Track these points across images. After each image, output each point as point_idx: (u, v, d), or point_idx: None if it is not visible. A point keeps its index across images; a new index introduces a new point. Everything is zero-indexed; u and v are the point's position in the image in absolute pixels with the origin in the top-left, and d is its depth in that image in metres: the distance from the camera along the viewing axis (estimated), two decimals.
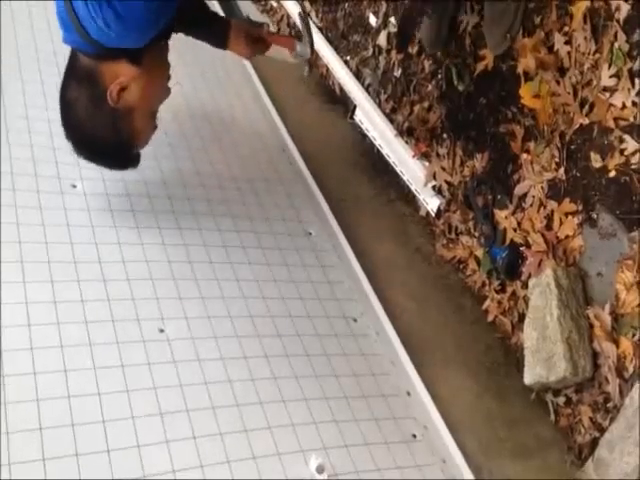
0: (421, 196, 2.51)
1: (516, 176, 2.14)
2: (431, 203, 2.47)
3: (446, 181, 2.41)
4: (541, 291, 1.97)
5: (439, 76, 2.42)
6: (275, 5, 3.48)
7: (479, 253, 2.32)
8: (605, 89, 1.81)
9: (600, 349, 1.88)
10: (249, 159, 2.48)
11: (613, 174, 1.85)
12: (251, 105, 2.79)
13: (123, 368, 1.75)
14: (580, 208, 1.95)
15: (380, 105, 2.74)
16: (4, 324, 1.73)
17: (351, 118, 2.76)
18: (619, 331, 1.84)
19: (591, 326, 1.91)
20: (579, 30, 1.86)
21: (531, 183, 2.09)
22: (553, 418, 2.04)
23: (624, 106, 1.79)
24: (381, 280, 2.31)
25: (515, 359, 2.15)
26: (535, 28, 1.98)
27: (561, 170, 1.99)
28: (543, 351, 1.91)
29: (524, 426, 2.01)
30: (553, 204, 2.02)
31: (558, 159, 2.00)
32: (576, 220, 1.96)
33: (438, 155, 2.45)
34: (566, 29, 1.90)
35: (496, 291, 2.25)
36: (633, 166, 1.79)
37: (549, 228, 2.05)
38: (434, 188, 2.47)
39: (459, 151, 2.36)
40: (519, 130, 2.10)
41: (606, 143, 1.85)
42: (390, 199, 2.68)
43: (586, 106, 1.88)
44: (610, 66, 1.78)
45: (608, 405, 1.87)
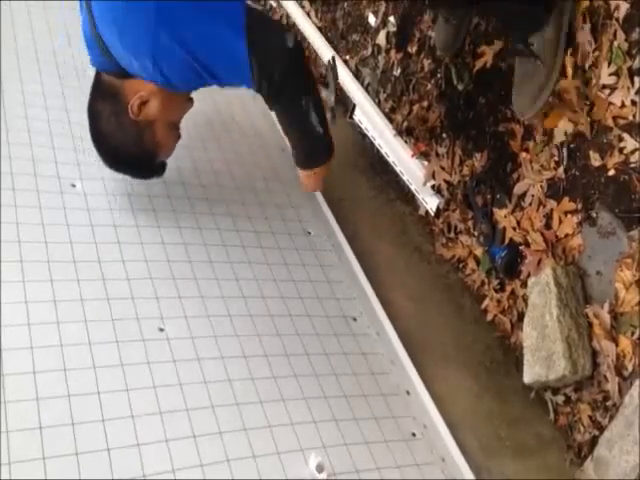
0: (420, 195, 2.51)
1: (515, 175, 2.14)
2: (430, 202, 2.47)
3: (445, 180, 2.41)
4: (540, 290, 1.96)
5: (438, 75, 2.42)
6: (274, 5, 3.48)
7: (478, 252, 2.32)
8: (604, 87, 1.81)
9: (599, 348, 1.87)
10: (248, 158, 2.49)
11: (612, 173, 1.84)
12: (250, 104, 2.79)
13: (123, 367, 1.76)
14: (579, 207, 1.95)
15: (379, 104, 2.75)
16: (4, 323, 1.73)
17: (350, 117, 2.76)
18: (618, 330, 1.83)
19: (590, 325, 1.90)
20: (579, 29, 1.86)
21: (530, 182, 2.08)
22: (552, 417, 2.04)
23: (623, 105, 1.78)
24: (380, 279, 2.31)
25: (514, 358, 2.15)
26: None
27: (560, 169, 1.99)
28: (542, 350, 1.91)
29: (523, 425, 2.02)
30: (552, 203, 2.02)
31: (557, 158, 2.00)
32: (575, 219, 1.96)
33: (437, 154, 2.45)
34: None
35: (495, 290, 2.25)
36: (632, 165, 1.79)
37: (548, 227, 2.04)
38: (433, 187, 2.46)
39: (458, 150, 2.36)
40: (518, 129, 2.10)
41: (605, 142, 1.85)
42: (389, 198, 2.68)
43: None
44: (610, 64, 1.78)
45: (607, 404, 1.87)
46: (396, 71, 2.64)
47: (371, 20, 2.77)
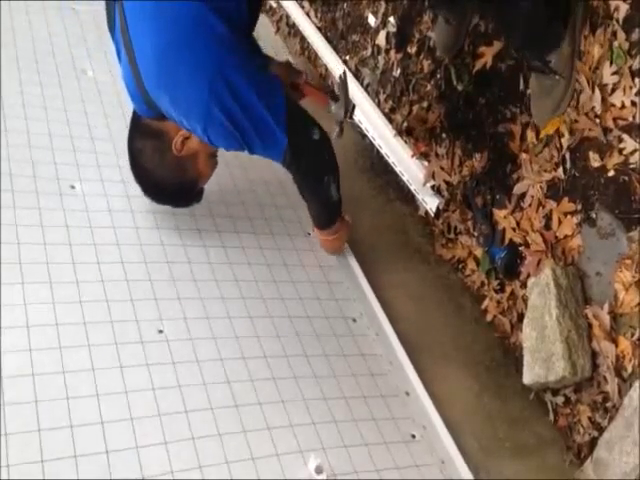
0: (420, 196, 2.51)
1: (515, 176, 2.14)
2: (430, 203, 2.47)
3: (445, 181, 2.41)
4: (540, 291, 1.96)
5: (438, 76, 2.42)
6: (275, 5, 3.48)
7: (478, 253, 2.32)
8: (605, 87, 1.81)
9: (599, 349, 1.87)
10: (248, 161, 2.48)
11: (612, 173, 1.84)
12: None
13: (122, 369, 1.76)
14: (579, 208, 1.95)
15: (379, 105, 2.74)
16: (3, 325, 1.73)
17: (350, 118, 2.76)
18: (618, 331, 1.83)
19: (590, 326, 1.90)
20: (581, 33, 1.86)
21: (530, 183, 2.08)
22: (552, 418, 2.04)
23: (623, 106, 1.78)
24: (380, 280, 2.31)
25: (514, 359, 2.15)
26: None
27: (560, 170, 1.99)
28: (542, 351, 1.91)
29: (523, 426, 2.02)
30: (552, 204, 2.02)
31: (557, 159, 1.99)
32: (575, 220, 1.96)
33: (437, 155, 2.45)
34: None
35: (495, 291, 2.25)
36: (632, 165, 1.79)
37: (548, 228, 2.04)
38: (433, 188, 2.46)
39: (458, 151, 2.36)
40: (518, 130, 2.10)
41: (605, 143, 1.85)
42: (389, 199, 2.68)
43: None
44: (611, 64, 1.78)
45: (607, 405, 1.87)
46: (396, 71, 2.64)
47: (371, 20, 2.77)
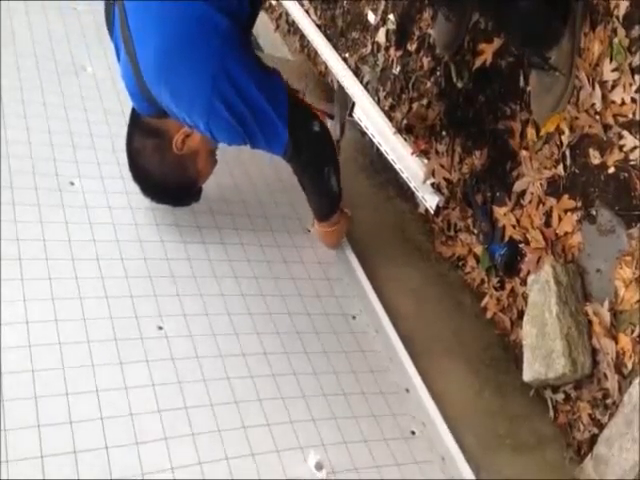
0: (420, 193, 2.50)
1: (515, 173, 2.14)
2: (430, 200, 2.47)
3: (445, 178, 2.40)
4: (540, 288, 1.96)
5: (438, 73, 2.42)
6: (274, 3, 3.48)
7: (478, 250, 2.32)
8: (605, 84, 1.81)
9: (599, 346, 1.87)
10: (247, 158, 2.48)
11: (612, 170, 1.84)
12: None
13: (121, 365, 1.75)
14: (579, 205, 1.95)
15: (379, 102, 2.74)
16: (2, 321, 1.73)
17: (350, 115, 2.76)
18: (618, 328, 1.83)
19: (590, 323, 1.90)
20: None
21: (530, 180, 2.08)
22: (552, 415, 2.03)
23: (623, 102, 1.78)
24: (380, 277, 2.31)
25: (514, 356, 2.15)
26: None
27: (560, 167, 1.99)
28: (542, 348, 1.91)
29: (523, 422, 2.01)
30: (552, 201, 2.02)
31: (557, 156, 1.99)
32: (575, 217, 1.96)
33: (437, 152, 2.45)
34: None
35: (495, 288, 2.25)
36: (632, 162, 1.79)
37: (548, 225, 2.04)
38: (433, 185, 2.46)
39: (458, 148, 2.36)
40: (518, 127, 2.10)
41: (605, 139, 1.85)
42: (389, 196, 2.68)
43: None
44: (611, 60, 1.78)
45: (607, 402, 1.87)
46: (396, 69, 2.64)
47: (370, 18, 2.76)
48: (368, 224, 2.50)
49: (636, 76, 1.74)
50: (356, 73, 2.86)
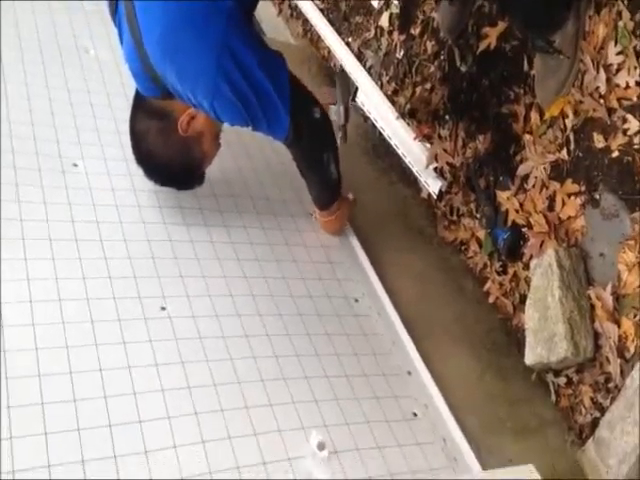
0: (423, 178, 2.50)
1: (518, 157, 2.14)
2: (433, 185, 2.47)
3: (448, 163, 2.40)
4: (543, 272, 1.96)
5: (441, 57, 2.42)
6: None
7: (481, 235, 2.32)
8: (610, 67, 1.80)
9: (601, 329, 1.87)
10: (250, 141, 2.48)
11: (616, 154, 1.84)
12: None
13: (125, 345, 1.76)
14: (583, 189, 1.95)
15: (382, 87, 2.74)
16: (5, 300, 1.73)
17: (353, 100, 2.75)
18: (620, 311, 1.83)
19: (592, 307, 1.90)
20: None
21: (533, 164, 2.08)
22: (554, 398, 2.04)
23: (628, 86, 1.78)
24: (382, 261, 2.31)
25: (516, 340, 2.15)
26: None
27: (564, 151, 1.99)
28: (544, 331, 1.91)
29: (525, 406, 2.02)
30: (555, 185, 2.02)
31: (561, 140, 1.99)
32: (578, 201, 1.96)
33: (440, 137, 2.44)
34: None
35: (497, 272, 2.25)
36: (636, 146, 1.79)
37: (551, 209, 2.04)
38: (436, 170, 2.46)
39: (461, 132, 2.35)
40: (522, 111, 2.10)
41: (609, 123, 1.85)
42: (392, 181, 2.67)
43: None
44: (616, 44, 1.77)
45: (609, 385, 1.87)
46: (399, 53, 2.63)
47: (374, 2, 2.76)
48: (371, 209, 2.50)
49: None
50: (359, 57, 2.86)
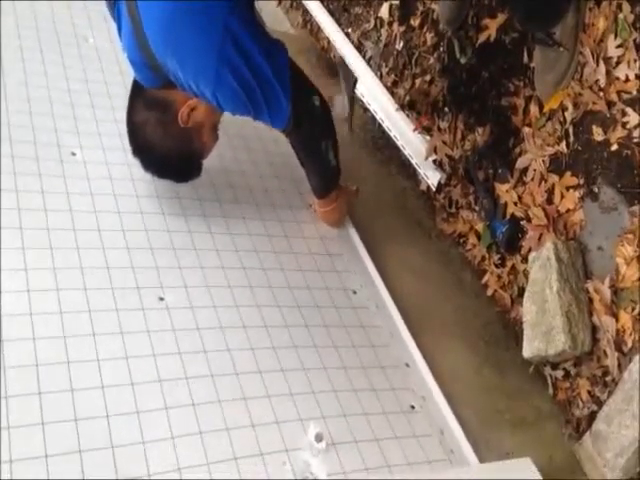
0: (422, 170, 2.50)
1: (517, 150, 2.13)
2: (432, 177, 2.46)
3: (447, 155, 2.40)
4: (541, 265, 1.96)
5: (441, 49, 2.41)
6: None
7: (479, 227, 2.31)
8: (609, 60, 1.80)
9: (599, 323, 1.88)
10: (249, 131, 2.47)
11: (615, 147, 1.84)
12: None
13: (122, 335, 1.75)
14: (581, 182, 1.95)
15: (381, 78, 2.73)
16: (3, 289, 1.73)
17: (352, 93, 2.75)
18: (618, 305, 1.84)
19: (591, 300, 1.90)
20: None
21: (532, 157, 2.08)
22: (551, 391, 2.04)
23: (627, 79, 1.78)
24: (381, 253, 2.30)
25: (514, 332, 2.15)
26: None
27: (563, 144, 1.98)
28: (542, 324, 1.91)
29: (522, 399, 2.02)
30: (554, 178, 2.02)
31: (560, 133, 1.99)
32: (577, 194, 1.96)
33: (439, 129, 2.44)
34: None
35: (496, 265, 2.25)
36: (635, 139, 1.78)
37: (550, 202, 2.04)
38: (435, 162, 2.46)
39: (460, 125, 2.35)
40: (521, 103, 2.09)
41: (608, 116, 1.85)
42: (390, 173, 2.67)
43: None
44: (616, 37, 1.77)
45: (606, 379, 1.87)
46: (399, 44, 2.63)
47: None
48: (370, 201, 2.49)
49: None
50: (359, 48, 2.85)
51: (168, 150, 2.02)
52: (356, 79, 2.72)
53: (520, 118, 2.11)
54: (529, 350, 1.97)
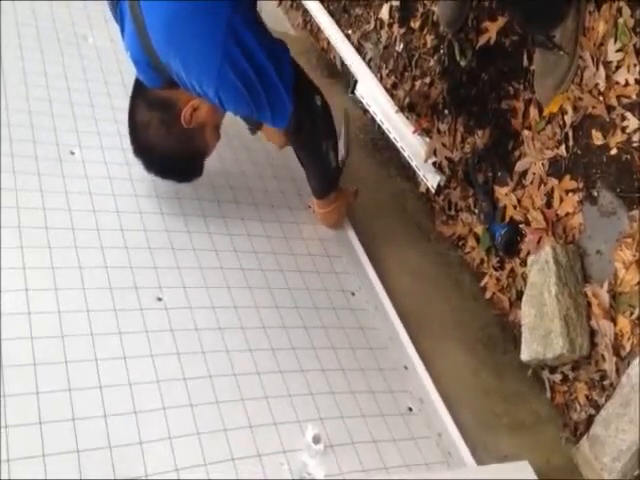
0: (421, 172, 2.50)
1: (517, 153, 2.14)
2: (431, 179, 2.46)
3: (447, 157, 2.40)
4: (540, 268, 1.96)
5: (441, 51, 2.41)
6: None
7: (478, 230, 2.31)
8: (609, 64, 1.80)
9: (597, 327, 1.87)
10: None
11: (614, 152, 1.84)
12: None
13: (121, 335, 1.75)
14: (581, 186, 1.95)
15: (381, 80, 2.73)
16: (2, 289, 1.72)
17: (352, 93, 2.75)
18: (617, 309, 1.83)
19: (589, 304, 1.90)
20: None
21: (532, 160, 2.08)
22: (549, 395, 2.04)
23: (627, 83, 1.78)
24: (380, 255, 2.30)
25: (512, 336, 2.15)
26: None
27: (562, 147, 1.98)
28: (540, 328, 1.91)
29: (520, 402, 2.02)
30: (554, 181, 2.02)
31: (560, 136, 1.99)
32: (576, 198, 1.96)
33: (439, 131, 2.44)
34: None
35: (495, 268, 2.25)
36: (634, 144, 1.78)
37: (549, 205, 2.04)
38: (434, 164, 2.45)
39: (460, 127, 2.35)
40: (521, 106, 2.09)
41: (608, 120, 1.85)
42: (390, 175, 2.67)
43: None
44: (616, 41, 1.77)
45: (604, 383, 1.87)
46: (399, 46, 2.63)
47: None
48: (369, 202, 2.49)
49: None
50: (359, 50, 2.85)
51: (170, 150, 2.01)
52: (356, 80, 2.72)
53: (520, 121, 2.11)
54: (527, 353, 1.96)
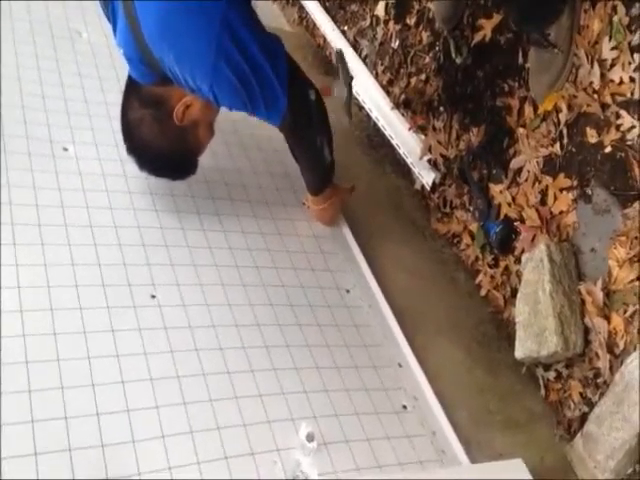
0: (416, 169, 2.50)
1: (512, 150, 2.13)
2: (426, 177, 2.46)
3: (442, 155, 2.40)
4: (534, 266, 1.96)
5: (437, 48, 2.41)
6: None
7: (473, 227, 2.31)
8: (604, 62, 1.80)
9: (591, 325, 1.88)
10: (242, 127, 2.46)
11: (609, 150, 1.84)
12: None
13: (114, 333, 1.75)
14: (575, 184, 1.95)
15: (377, 77, 2.72)
16: None
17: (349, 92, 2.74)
18: (611, 307, 1.84)
19: (583, 302, 1.90)
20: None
21: (526, 158, 2.08)
22: (543, 392, 2.04)
23: (622, 81, 1.78)
24: (375, 253, 2.30)
25: (506, 333, 2.15)
26: None
27: (557, 145, 1.98)
28: (535, 326, 1.91)
29: (514, 400, 2.02)
30: (548, 179, 2.02)
31: (554, 134, 1.99)
32: (571, 196, 1.96)
33: (434, 128, 2.44)
34: None
35: (489, 265, 2.25)
36: (629, 142, 1.78)
37: (543, 203, 2.04)
38: (429, 162, 2.45)
39: (455, 124, 2.35)
40: (516, 104, 2.09)
41: (602, 118, 1.84)
42: (385, 172, 2.66)
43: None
44: (610, 39, 1.76)
45: (598, 380, 1.88)
46: (394, 43, 2.62)
47: None
48: (364, 199, 2.48)
49: (635, 55, 1.73)
50: (355, 46, 2.85)
51: (163, 148, 2.00)
52: (352, 77, 2.71)
53: (514, 119, 2.10)
54: (521, 351, 1.96)
